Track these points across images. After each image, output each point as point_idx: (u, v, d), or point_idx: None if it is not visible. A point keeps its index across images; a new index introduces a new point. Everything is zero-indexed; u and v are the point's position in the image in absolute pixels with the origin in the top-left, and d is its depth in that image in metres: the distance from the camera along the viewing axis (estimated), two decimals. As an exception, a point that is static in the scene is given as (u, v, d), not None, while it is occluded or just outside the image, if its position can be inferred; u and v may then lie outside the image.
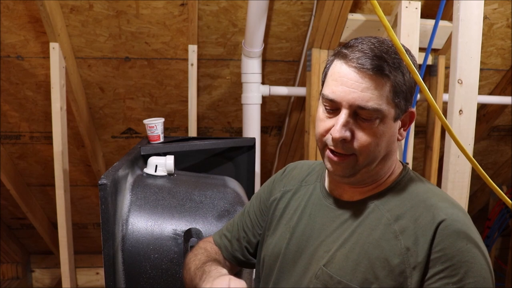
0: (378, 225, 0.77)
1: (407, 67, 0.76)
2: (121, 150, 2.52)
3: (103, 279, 1.04)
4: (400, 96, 0.77)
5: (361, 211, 0.81)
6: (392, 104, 0.76)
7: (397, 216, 0.77)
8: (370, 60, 0.74)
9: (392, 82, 0.75)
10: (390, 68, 0.75)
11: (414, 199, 0.78)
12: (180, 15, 1.97)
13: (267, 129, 2.54)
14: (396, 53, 0.77)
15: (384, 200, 0.80)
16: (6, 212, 2.77)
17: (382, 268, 0.74)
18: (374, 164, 0.80)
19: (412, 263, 0.72)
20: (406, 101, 0.79)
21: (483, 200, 3.19)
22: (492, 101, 2.40)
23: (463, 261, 0.70)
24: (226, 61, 2.21)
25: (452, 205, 0.77)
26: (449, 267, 0.70)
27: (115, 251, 1.05)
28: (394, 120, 0.78)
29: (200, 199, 1.19)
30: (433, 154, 2.26)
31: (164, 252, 1.08)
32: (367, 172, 0.81)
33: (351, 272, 0.77)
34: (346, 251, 0.79)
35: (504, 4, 2.05)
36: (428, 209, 0.75)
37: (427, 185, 0.82)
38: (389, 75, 0.75)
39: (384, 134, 0.77)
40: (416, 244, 0.73)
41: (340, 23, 1.93)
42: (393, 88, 0.75)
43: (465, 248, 0.71)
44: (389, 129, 0.78)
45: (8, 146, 2.41)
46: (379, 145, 0.78)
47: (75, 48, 2.06)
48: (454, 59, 1.58)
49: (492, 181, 0.86)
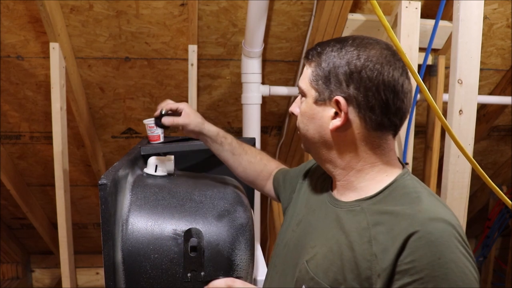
0: (358, 228, 0.77)
1: (407, 67, 0.76)
2: (121, 150, 2.52)
3: (103, 279, 1.04)
4: (320, 80, 0.81)
5: (349, 212, 0.81)
6: (312, 86, 0.83)
7: (376, 221, 0.75)
8: (308, 50, 0.86)
9: (313, 66, 0.83)
10: (314, 54, 0.83)
11: (398, 206, 0.75)
12: (180, 15, 1.97)
13: (267, 129, 2.54)
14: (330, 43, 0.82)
15: (371, 204, 0.79)
16: (6, 212, 2.77)
17: (351, 271, 0.74)
18: (312, 144, 0.86)
19: (378, 270, 0.71)
20: (327, 86, 0.80)
21: (483, 200, 3.19)
22: (492, 101, 2.40)
23: (433, 275, 0.67)
24: (226, 61, 2.21)
25: (434, 216, 0.71)
26: (417, 280, 0.68)
27: (115, 251, 1.05)
28: (315, 102, 0.82)
29: (200, 199, 1.19)
30: (433, 154, 2.26)
31: (164, 252, 1.08)
32: (316, 154, 0.87)
33: (325, 271, 0.78)
34: (326, 250, 0.80)
35: (504, 4, 2.05)
36: (406, 218, 0.72)
37: (419, 193, 0.78)
38: (311, 59, 0.83)
39: (305, 112, 0.85)
40: (385, 252, 0.71)
41: (340, 23, 1.93)
42: (314, 71, 0.82)
43: (437, 262, 0.67)
44: (309, 109, 0.84)
45: (8, 146, 2.41)
46: (304, 123, 0.86)
47: (75, 48, 2.06)
48: (454, 59, 1.58)
49: (491, 182, 0.87)
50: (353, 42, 0.80)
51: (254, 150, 1.25)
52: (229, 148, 1.20)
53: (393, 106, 0.77)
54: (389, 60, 0.78)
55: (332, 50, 0.80)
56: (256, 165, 1.21)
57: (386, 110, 0.77)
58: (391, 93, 0.77)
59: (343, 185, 0.85)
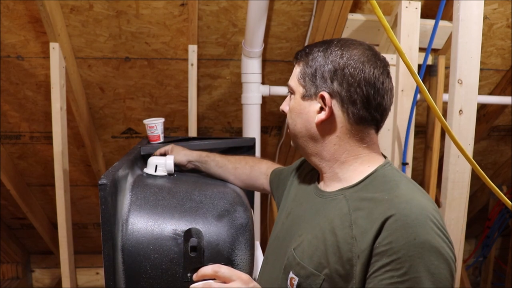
0: (340, 215, 0.82)
1: (407, 67, 0.77)
2: (121, 150, 2.53)
3: (103, 279, 1.04)
4: (306, 77, 0.88)
5: (332, 201, 0.87)
6: (300, 83, 0.89)
7: (356, 207, 0.80)
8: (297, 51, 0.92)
9: (301, 65, 0.89)
10: (302, 54, 0.90)
11: (377, 193, 0.80)
12: (180, 15, 1.97)
13: (267, 129, 2.54)
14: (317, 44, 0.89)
15: (352, 192, 0.84)
16: (6, 212, 2.77)
17: (334, 254, 0.79)
18: (300, 139, 0.91)
19: (357, 252, 0.76)
20: (313, 82, 0.86)
21: (483, 200, 3.19)
22: (492, 101, 2.40)
23: (409, 255, 0.71)
24: (226, 61, 2.21)
25: (409, 200, 0.76)
26: (394, 260, 0.72)
27: (115, 251, 1.05)
28: (302, 98, 0.89)
29: (200, 199, 1.19)
30: (433, 154, 2.26)
31: (164, 252, 1.08)
32: (304, 149, 0.92)
33: (310, 256, 0.83)
34: (311, 237, 0.85)
35: (504, 4, 2.05)
36: (384, 203, 0.77)
37: (398, 181, 0.82)
38: (300, 59, 0.90)
39: (293, 108, 0.91)
40: (363, 235, 0.76)
41: (340, 23, 1.93)
42: (301, 70, 0.89)
43: (412, 243, 0.71)
44: (297, 105, 0.90)
45: (8, 146, 2.41)
46: (292, 119, 0.91)
47: (75, 48, 2.06)
48: (454, 59, 1.58)
49: (491, 182, 0.87)
50: (337, 43, 0.87)
51: (238, 157, 1.37)
52: (214, 164, 1.34)
53: (374, 101, 0.84)
54: (370, 59, 0.84)
55: (318, 50, 0.87)
56: (243, 169, 1.32)
57: (367, 105, 0.84)
58: (372, 89, 0.83)
59: (329, 177, 0.91)
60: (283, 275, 0.88)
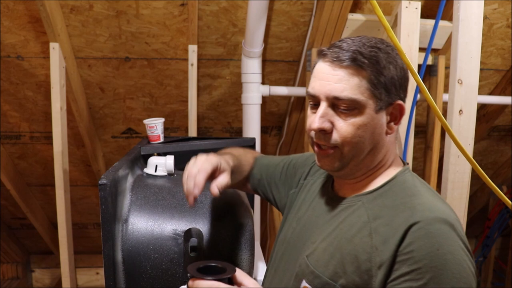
0: (358, 222, 0.78)
1: (407, 67, 0.76)
2: (121, 150, 2.52)
3: (103, 279, 1.04)
4: (380, 87, 0.77)
5: (349, 207, 0.83)
6: (370, 95, 0.77)
7: (376, 215, 0.77)
8: (344, 52, 0.77)
9: (367, 73, 0.77)
10: (364, 59, 0.76)
11: (398, 200, 0.77)
12: (180, 15, 1.97)
13: (267, 129, 2.54)
14: (373, 47, 0.78)
15: (371, 199, 0.81)
16: (6, 212, 2.77)
17: (351, 264, 0.75)
18: (361, 156, 0.81)
19: (378, 262, 0.72)
20: (389, 93, 0.79)
21: (483, 200, 3.19)
22: (492, 101, 2.40)
23: (431, 266, 0.68)
24: (226, 61, 2.21)
25: (433, 209, 0.73)
26: (415, 270, 0.68)
27: (115, 251, 1.05)
28: (376, 112, 0.78)
29: (200, 199, 1.19)
30: (433, 154, 2.26)
31: (164, 252, 1.08)
32: (356, 165, 0.82)
33: (325, 264, 0.79)
34: (326, 245, 0.81)
35: (504, 4, 2.05)
36: (406, 210, 0.74)
37: (419, 188, 0.80)
38: (362, 66, 0.76)
39: (365, 125, 0.78)
40: (385, 244, 0.72)
41: (340, 23, 1.93)
42: (369, 79, 0.77)
43: (435, 253, 0.68)
44: (370, 120, 0.78)
45: (8, 146, 2.41)
46: (362, 136, 0.78)
47: (75, 48, 2.06)
48: (454, 59, 1.58)
49: (491, 182, 0.87)
50: (389, 46, 0.81)
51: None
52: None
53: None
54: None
55: (383, 57, 0.78)
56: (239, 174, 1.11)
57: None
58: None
59: (351, 183, 0.86)
60: (295, 283, 0.84)
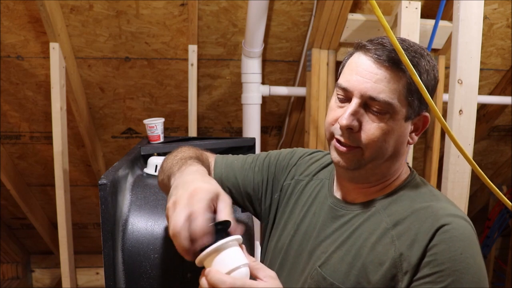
0: (377, 229, 0.76)
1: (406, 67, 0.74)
2: (121, 150, 2.52)
3: (103, 279, 1.04)
4: (414, 95, 0.74)
5: (362, 213, 0.80)
6: (405, 102, 0.74)
7: (396, 221, 0.75)
8: (387, 52, 0.73)
9: (407, 78, 0.73)
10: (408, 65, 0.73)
11: (417, 204, 0.76)
12: (180, 15, 1.97)
13: (267, 129, 2.54)
14: (416, 52, 0.75)
15: (386, 204, 0.78)
16: (6, 212, 2.77)
17: (375, 272, 0.73)
18: (380, 161, 0.78)
19: (404, 268, 0.70)
20: (420, 103, 0.76)
21: (483, 200, 3.19)
22: (492, 101, 2.40)
23: (454, 269, 0.67)
24: (226, 61, 2.21)
25: (455, 213, 0.74)
26: (437, 272, 0.68)
27: (115, 251, 1.05)
28: (405, 120, 0.76)
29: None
30: (433, 154, 2.26)
31: (164, 252, 1.08)
32: (372, 169, 0.79)
33: (345, 274, 0.76)
34: (342, 254, 0.77)
35: (504, 4, 2.05)
36: (429, 215, 0.73)
37: (434, 192, 0.80)
38: (405, 71, 0.73)
39: (392, 132, 0.75)
40: (411, 249, 0.71)
41: (340, 23, 1.93)
42: (407, 85, 0.74)
43: (459, 257, 0.68)
44: (398, 127, 0.75)
45: (8, 146, 2.41)
46: (386, 141, 0.75)
47: (75, 48, 2.06)
48: (454, 59, 1.58)
49: (491, 182, 0.86)
50: (429, 54, 0.78)
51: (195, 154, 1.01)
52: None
53: None
54: None
55: (424, 64, 0.75)
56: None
57: None
58: None
59: (363, 187, 0.82)
60: None
